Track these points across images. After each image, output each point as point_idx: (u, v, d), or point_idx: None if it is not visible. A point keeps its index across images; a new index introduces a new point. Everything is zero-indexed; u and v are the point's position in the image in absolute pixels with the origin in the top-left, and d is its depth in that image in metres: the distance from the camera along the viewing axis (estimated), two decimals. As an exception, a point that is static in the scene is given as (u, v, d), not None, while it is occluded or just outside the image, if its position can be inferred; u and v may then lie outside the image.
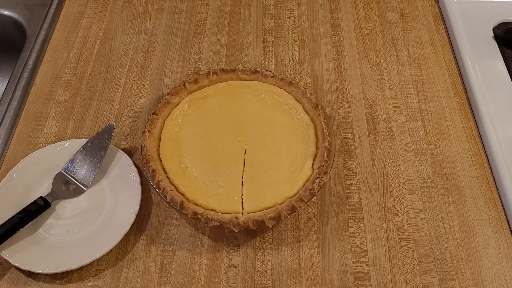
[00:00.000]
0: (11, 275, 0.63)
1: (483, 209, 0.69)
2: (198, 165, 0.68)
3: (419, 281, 0.63)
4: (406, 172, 0.73)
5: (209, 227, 0.67)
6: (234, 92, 0.76)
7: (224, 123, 0.72)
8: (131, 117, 0.79)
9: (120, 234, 0.63)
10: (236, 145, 0.70)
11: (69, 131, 0.77)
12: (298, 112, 0.73)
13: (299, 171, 0.67)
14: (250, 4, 0.95)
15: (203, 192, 0.65)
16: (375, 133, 0.77)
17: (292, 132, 0.71)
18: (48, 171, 0.70)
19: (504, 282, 0.63)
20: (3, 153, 0.74)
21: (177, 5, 0.95)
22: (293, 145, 0.70)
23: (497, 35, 0.88)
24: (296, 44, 0.89)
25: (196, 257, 0.65)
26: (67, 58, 0.86)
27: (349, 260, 0.65)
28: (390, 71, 0.85)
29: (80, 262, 0.61)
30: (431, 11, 0.94)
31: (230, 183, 0.66)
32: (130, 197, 0.67)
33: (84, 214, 0.67)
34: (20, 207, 0.65)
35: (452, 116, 0.79)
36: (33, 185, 0.69)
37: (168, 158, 0.69)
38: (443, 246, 0.66)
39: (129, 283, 0.63)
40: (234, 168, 0.68)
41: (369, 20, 0.93)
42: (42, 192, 0.68)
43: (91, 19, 0.93)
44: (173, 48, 0.88)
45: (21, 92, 0.81)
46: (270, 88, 0.76)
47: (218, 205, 0.64)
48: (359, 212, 0.69)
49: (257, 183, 0.66)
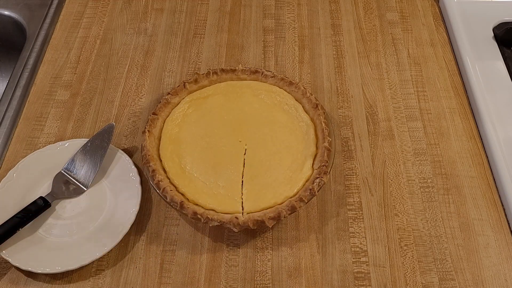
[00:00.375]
0: (11, 275, 0.63)
1: (483, 209, 0.69)
2: (198, 165, 0.68)
3: (419, 281, 0.63)
4: (406, 172, 0.73)
5: (209, 227, 0.67)
6: (234, 92, 0.76)
7: (224, 123, 0.72)
8: (131, 117, 0.79)
9: (120, 234, 0.63)
10: (236, 145, 0.70)
11: (69, 131, 0.77)
12: (298, 112, 0.73)
13: (299, 171, 0.67)
14: (250, 4, 0.95)
15: (203, 192, 0.65)
16: (375, 133, 0.77)
17: (292, 132, 0.71)
18: (48, 171, 0.70)
19: (504, 282, 0.63)
20: (3, 153, 0.74)
21: (177, 5, 0.95)
22: (293, 145, 0.70)
23: (497, 35, 0.88)
24: (296, 44, 0.89)
25: (196, 257, 0.65)
26: (67, 58, 0.86)
27: (349, 260, 0.65)
28: (390, 71, 0.85)
29: (80, 262, 0.61)
30: (431, 11, 0.94)
31: (230, 183, 0.66)
32: (130, 197, 0.67)
33: (84, 214, 0.67)
34: (20, 207, 0.65)
35: (452, 116, 0.79)
36: (33, 185, 0.69)
37: (168, 158, 0.69)
38: (443, 246, 0.66)
39: (129, 283, 0.63)
40: (234, 168, 0.68)
41: (369, 20, 0.93)
42: (42, 192, 0.68)
43: (91, 19, 0.93)
44: (173, 48, 0.88)
45: (21, 92, 0.81)
46: (270, 88, 0.76)
47: (218, 205, 0.64)
48: (359, 212, 0.69)
49: (257, 183, 0.66)
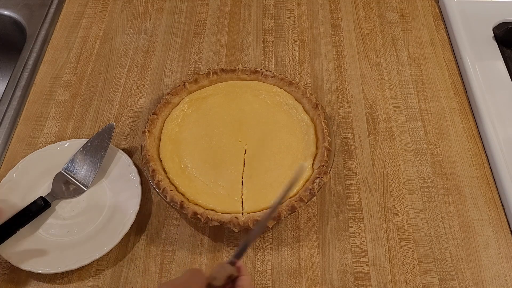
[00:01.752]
0: (11, 275, 0.63)
1: (483, 209, 0.69)
2: (198, 165, 0.68)
3: (419, 281, 0.63)
4: (406, 172, 0.73)
5: (209, 227, 0.67)
6: (234, 92, 0.76)
7: (224, 123, 0.72)
8: (131, 117, 0.79)
9: (120, 234, 0.63)
10: (236, 145, 0.70)
11: (69, 131, 0.77)
12: (298, 112, 0.73)
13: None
14: (250, 4, 0.95)
15: (203, 192, 0.65)
16: (375, 133, 0.77)
17: (292, 132, 0.71)
18: (48, 171, 0.70)
19: (504, 282, 0.63)
20: (3, 153, 0.74)
21: (177, 5, 0.95)
22: (293, 145, 0.70)
23: (497, 35, 0.88)
24: (296, 44, 0.89)
25: (196, 257, 0.65)
26: (67, 58, 0.86)
27: (349, 260, 0.65)
28: (390, 71, 0.85)
29: (80, 262, 0.61)
30: (431, 11, 0.94)
31: (230, 183, 0.66)
32: (130, 197, 0.67)
33: (84, 214, 0.67)
34: (20, 207, 0.65)
35: (452, 116, 0.79)
36: (33, 185, 0.68)
37: (168, 158, 0.69)
38: (443, 246, 0.66)
39: (129, 283, 0.63)
40: (234, 168, 0.68)
41: (369, 20, 0.92)
42: (42, 192, 0.68)
43: (91, 19, 0.93)
44: (173, 48, 0.88)
45: (21, 92, 0.81)
46: (270, 88, 0.76)
47: (218, 205, 0.64)
48: (359, 212, 0.69)
49: (257, 183, 0.66)
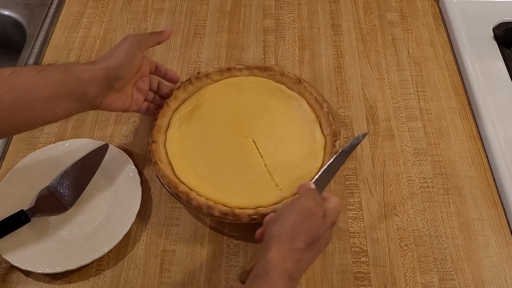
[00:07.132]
0: (11, 275, 0.63)
1: (483, 209, 0.69)
2: (221, 175, 0.66)
3: (419, 281, 0.63)
4: (406, 172, 0.73)
5: (209, 227, 0.67)
6: (217, 95, 0.74)
7: (223, 126, 0.72)
8: (131, 117, 0.79)
9: (120, 234, 0.64)
10: (244, 141, 0.70)
11: (69, 131, 0.77)
12: (283, 91, 0.74)
13: (313, 141, 0.69)
14: (250, 4, 0.95)
15: (243, 195, 0.64)
16: (375, 133, 0.77)
17: (286, 112, 0.72)
18: (48, 171, 0.69)
19: (504, 282, 0.63)
20: (3, 153, 0.74)
21: (177, 5, 0.95)
22: (294, 122, 0.71)
23: (497, 35, 0.88)
24: (296, 44, 0.88)
25: (196, 257, 0.65)
26: (67, 58, 0.86)
27: (349, 260, 0.65)
28: (390, 71, 0.85)
29: (80, 262, 0.61)
30: (431, 11, 0.94)
31: (259, 177, 0.66)
32: (130, 197, 0.67)
33: (84, 214, 0.67)
34: (19, 207, 0.65)
35: (452, 116, 0.79)
36: (33, 185, 0.68)
37: (191, 179, 0.66)
38: (443, 246, 0.66)
39: (129, 283, 0.63)
40: (256, 162, 0.67)
41: (369, 20, 0.92)
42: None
43: (91, 19, 0.92)
44: (173, 48, 0.88)
45: (21, 92, 0.81)
46: (248, 79, 0.76)
47: (262, 202, 0.63)
48: (359, 212, 0.69)
49: (283, 168, 0.67)
